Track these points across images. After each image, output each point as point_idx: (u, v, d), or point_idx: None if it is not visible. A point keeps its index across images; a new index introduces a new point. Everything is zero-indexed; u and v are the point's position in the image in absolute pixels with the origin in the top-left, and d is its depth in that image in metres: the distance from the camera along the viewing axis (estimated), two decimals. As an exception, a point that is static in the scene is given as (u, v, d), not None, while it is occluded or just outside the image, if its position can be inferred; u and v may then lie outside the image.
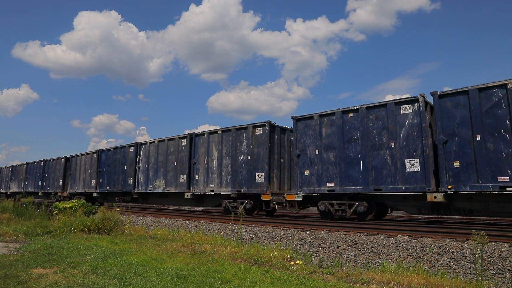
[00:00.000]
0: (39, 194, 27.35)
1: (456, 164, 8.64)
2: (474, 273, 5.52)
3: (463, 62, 67.38)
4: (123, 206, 21.29)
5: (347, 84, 77.09)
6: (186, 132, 16.42)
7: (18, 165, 32.77)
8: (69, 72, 78.40)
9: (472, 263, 5.89)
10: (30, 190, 29.24)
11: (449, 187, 8.65)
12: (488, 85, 8.49)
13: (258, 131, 13.02)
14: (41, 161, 27.95)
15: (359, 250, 7.20)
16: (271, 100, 79.69)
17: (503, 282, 5.26)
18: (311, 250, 7.65)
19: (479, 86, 8.59)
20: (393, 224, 10.06)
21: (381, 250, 6.98)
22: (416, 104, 9.58)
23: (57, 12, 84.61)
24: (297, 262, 5.98)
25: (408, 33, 69.24)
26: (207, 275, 4.95)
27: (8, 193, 33.12)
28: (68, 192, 23.90)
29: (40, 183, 27.57)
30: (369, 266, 6.31)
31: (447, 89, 9.19)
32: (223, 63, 78.44)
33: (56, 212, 11.48)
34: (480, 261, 4.94)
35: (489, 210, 8.62)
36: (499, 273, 5.52)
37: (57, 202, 12.85)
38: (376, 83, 76.01)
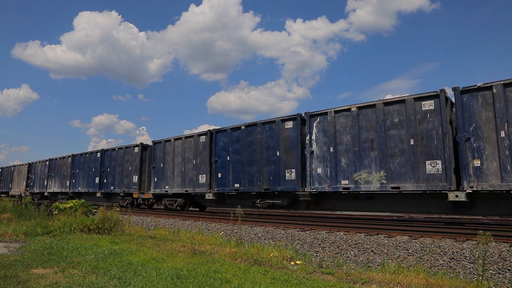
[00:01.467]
0: (97, 195, 20.87)
1: None
2: (474, 273, 5.52)
3: (463, 62, 67.41)
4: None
5: (347, 84, 77.08)
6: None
7: (60, 158, 25.33)
8: (69, 72, 78.37)
9: (472, 263, 5.89)
10: (80, 189, 22.40)
11: None
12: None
13: None
14: (97, 151, 21.32)
15: (359, 250, 7.20)
16: (271, 100, 79.65)
17: (503, 282, 5.26)
18: (311, 250, 7.66)
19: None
20: (393, 224, 10.06)
21: (381, 250, 6.98)
22: None
23: (57, 12, 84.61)
24: (297, 262, 5.98)
25: (408, 33, 69.24)
26: (207, 275, 4.95)
27: (45, 194, 26.03)
28: (152, 192, 17.29)
29: (98, 181, 20.88)
30: (369, 266, 6.31)
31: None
32: (223, 63, 78.41)
33: (56, 212, 11.49)
34: (481, 261, 4.94)
35: None
36: (499, 273, 5.52)
37: (57, 202, 12.86)
38: (376, 83, 76.01)
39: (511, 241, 6.72)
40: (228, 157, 13.86)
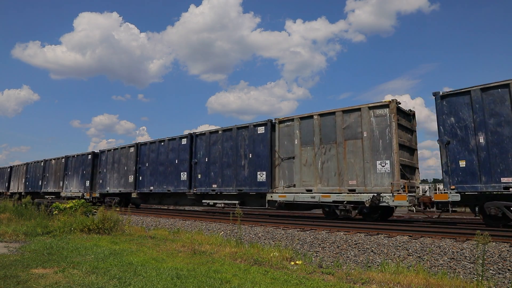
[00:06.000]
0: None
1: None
2: (474, 273, 5.52)
3: (462, 62, 67.45)
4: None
5: (347, 85, 77.16)
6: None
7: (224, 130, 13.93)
8: (69, 73, 78.54)
9: (472, 263, 5.89)
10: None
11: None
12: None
13: None
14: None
15: (359, 250, 7.20)
16: (271, 100, 79.72)
17: (503, 282, 5.26)
18: (311, 250, 7.65)
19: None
20: (393, 224, 10.06)
21: (381, 250, 6.98)
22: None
23: (58, 13, 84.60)
24: (297, 262, 5.98)
25: (407, 33, 69.27)
26: (207, 275, 4.95)
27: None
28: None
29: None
30: (369, 266, 6.31)
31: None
32: (223, 64, 78.43)
33: (56, 212, 11.49)
34: (480, 261, 4.94)
35: None
36: (499, 273, 5.52)
37: (57, 202, 12.86)
38: (376, 83, 76.07)
39: (511, 241, 6.72)
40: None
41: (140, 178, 17.73)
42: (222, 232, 10.05)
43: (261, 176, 11.83)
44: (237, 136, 13.29)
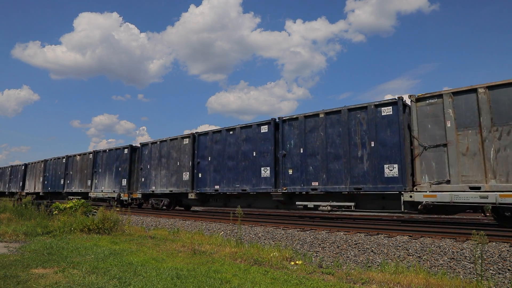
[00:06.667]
0: None
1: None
2: (474, 273, 5.51)
3: (462, 62, 67.40)
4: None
5: (347, 85, 77.03)
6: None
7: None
8: (70, 73, 78.39)
9: (472, 263, 5.89)
10: None
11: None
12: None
13: None
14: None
15: (359, 250, 7.20)
16: (271, 100, 79.60)
17: (503, 282, 5.26)
18: (311, 250, 7.65)
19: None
20: (393, 224, 10.06)
21: (381, 250, 6.98)
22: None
23: (58, 13, 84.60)
24: (297, 262, 5.98)
25: (407, 33, 69.22)
26: (207, 275, 4.95)
27: None
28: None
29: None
30: (369, 266, 6.31)
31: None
32: (223, 64, 78.34)
33: (56, 212, 11.50)
34: (480, 261, 4.94)
35: None
36: (499, 273, 5.52)
37: (57, 202, 12.87)
38: (376, 83, 75.95)
39: (511, 241, 6.72)
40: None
41: (200, 175, 14.53)
42: (222, 232, 10.05)
43: (391, 170, 9.50)
44: (349, 119, 10.51)
